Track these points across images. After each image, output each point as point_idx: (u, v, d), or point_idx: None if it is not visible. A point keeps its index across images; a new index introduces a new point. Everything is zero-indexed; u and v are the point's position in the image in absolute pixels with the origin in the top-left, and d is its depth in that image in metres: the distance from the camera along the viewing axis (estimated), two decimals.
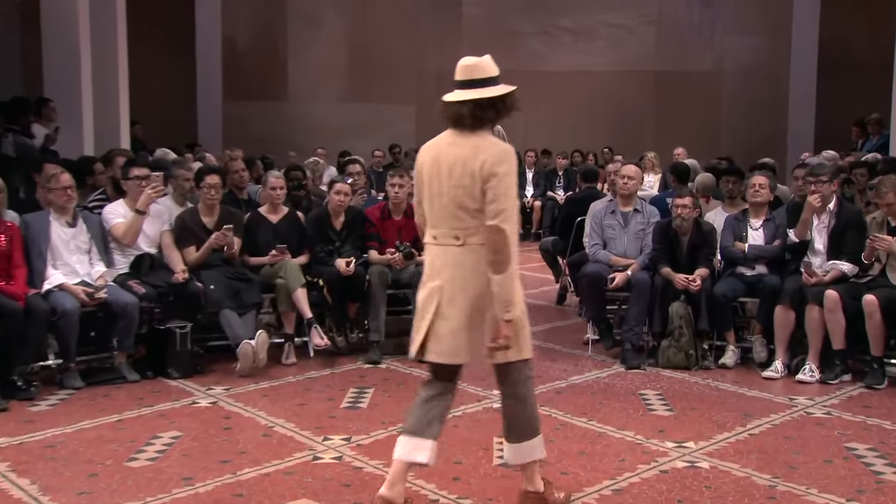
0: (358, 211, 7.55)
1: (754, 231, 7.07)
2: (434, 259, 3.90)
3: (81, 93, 10.57)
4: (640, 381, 6.39)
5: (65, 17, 10.39)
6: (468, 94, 3.83)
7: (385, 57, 17.22)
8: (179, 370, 6.43)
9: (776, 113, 16.97)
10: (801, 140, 16.11)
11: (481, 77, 3.86)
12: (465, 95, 3.83)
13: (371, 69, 17.32)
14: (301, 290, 6.86)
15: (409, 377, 6.49)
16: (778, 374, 6.49)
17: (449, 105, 3.87)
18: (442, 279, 3.83)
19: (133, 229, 6.71)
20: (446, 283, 3.82)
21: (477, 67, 3.88)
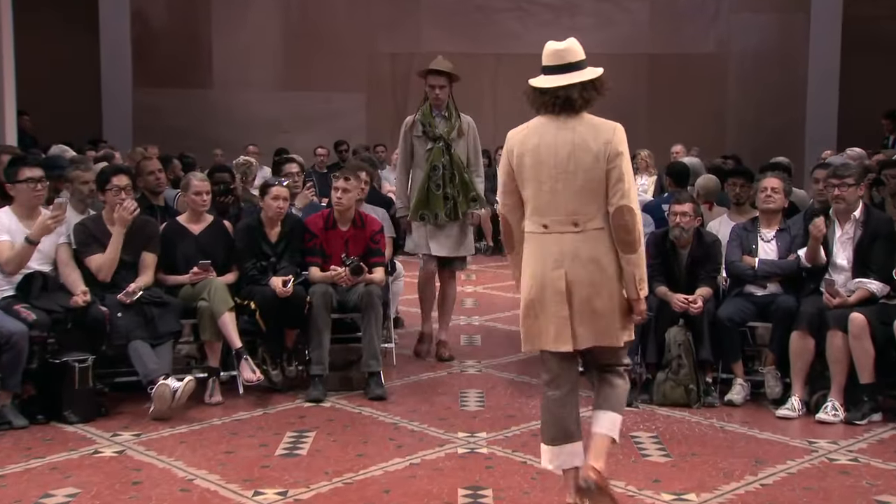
0: (297, 220, 7.53)
1: (766, 243, 7.12)
2: (547, 248, 4.45)
3: None
4: (631, 421, 6.39)
5: None
6: (573, 78, 4.50)
7: (330, 37, 17.24)
8: (78, 413, 6.35)
9: (792, 103, 17.16)
10: (821, 135, 16.29)
11: (576, 60, 4.59)
12: (571, 79, 4.49)
13: (313, 52, 17.32)
14: (228, 315, 6.82)
15: (357, 417, 6.47)
16: (795, 412, 6.52)
17: (552, 90, 4.48)
18: (564, 268, 4.39)
19: (19, 258, 6.54)
20: (570, 271, 4.39)
21: (570, 51, 4.60)
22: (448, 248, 7.89)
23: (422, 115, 7.84)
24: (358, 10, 17.30)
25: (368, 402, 6.84)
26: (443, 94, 7.76)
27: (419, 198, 7.74)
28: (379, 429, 6.25)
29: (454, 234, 7.89)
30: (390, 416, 6.46)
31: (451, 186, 7.73)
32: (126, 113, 17.16)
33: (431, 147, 7.75)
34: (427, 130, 7.78)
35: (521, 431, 6.15)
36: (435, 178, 7.71)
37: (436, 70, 7.79)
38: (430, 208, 7.73)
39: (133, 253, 6.94)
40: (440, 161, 7.72)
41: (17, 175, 6.80)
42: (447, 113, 7.84)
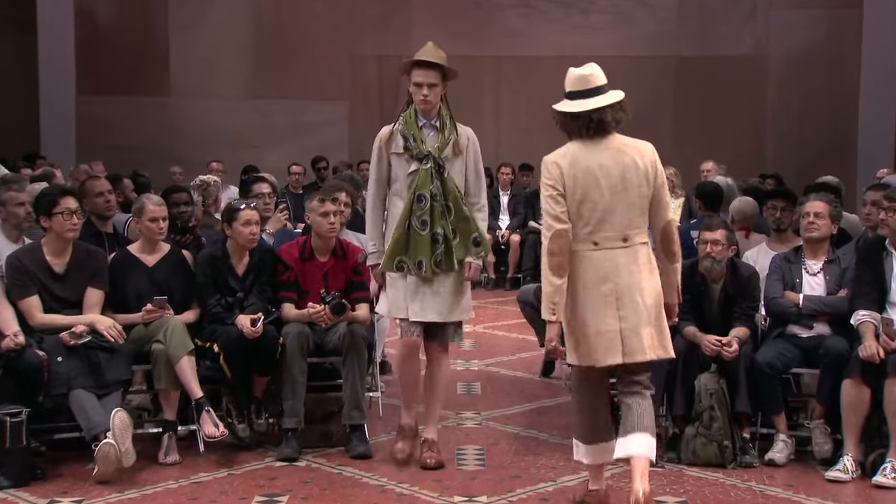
0: (268, 249, 7.53)
1: (811, 276, 7.15)
2: (598, 264, 5.41)
3: None
4: (656, 484, 6.35)
5: None
6: (603, 101, 5.49)
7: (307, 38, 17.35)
8: (9, 476, 6.31)
9: (842, 113, 17.21)
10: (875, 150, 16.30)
11: (601, 84, 5.57)
12: (602, 101, 5.48)
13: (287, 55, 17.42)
14: (188, 359, 6.82)
15: (336, 479, 6.47)
16: (847, 474, 6.49)
17: (584, 114, 5.46)
18: (613, 282, 5.39)
19: None
20: (620, 285, 5.40)
21: (595, 76, 5.57)
22: (437, 311, 6.37)
23: (404, 124, 6.41)
24: (339, 8, 17.38)
25: (350, 460, 6.83)
26: (433, 96, 6.33)
27: (397, 239, 6.30)
28: (363, 492, 6.23)
29: (445, 290, 6.39)
30: (376, 477, 6.44)
31: (443, 224, 6.28)
32: (68, 124, 17.19)
33: (416, 169, 6.32)
34: (411, 146, 6.34)
35: (527, 495, 6.14)
36: (420, 213, 6.25)
37: (424, 62, 6.34)
38: (411, 254, 6.28)
39: (76, 289, 6.95)
40: (428, 189, 6.26)
41: None
42: (439, 122, 6.44)
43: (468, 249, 6.36)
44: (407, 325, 6.44)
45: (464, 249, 6.36)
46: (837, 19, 17.41)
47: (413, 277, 6.33)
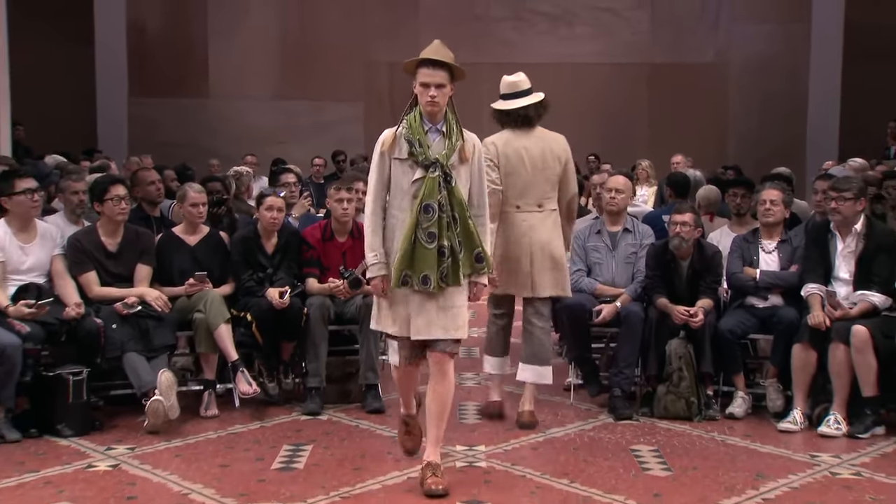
0: (294, 231, 7.53)
1: (767, 254, 7.14)
2: (519, 222, 6.44)
3: None
4: (631, 435, 6.41)
5: None
6: (528, 100, 6.51)
7: (327, 46, 17.29)
8: (72, 426, 6.34)
9: (793, 113, 17.20)
10: (822, 145, 16.33)
11: (526, 88, 6.56)
12: (527, 101, 6.50)
13: (310, 61, 17.37)
14: (224, 327, 6.82)
15: (354, 431, 6.47)
16: (797, 426, 6.53)
17: (515, 111, 6.48)
18: (529, 237, 6.41)
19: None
20: (534, 239, 6.42)
21: (522, 81, 6.59)
22: (443, 326, 5.16)
23: (408, 128, 5.14)
24: (354, 19, 17.34)
25: (366, 414, 6.84)
26: (441, 97, 5.12)
27: (404, 252, 5.05)
28: (377, 442, 6.24)
29: (450, 305, 5.17)
30: (388, 430, 6.44)
31: (450, 236, 5.06)
32: (121, 123, 17.19)
33: (422, 177, 5.07)
34: (416, 152, 5.07)
35: (519, 445, 6.14)
36: (427, 225, 5.01)
37: (431, 60, 5.15)
38: (416, 269, 5.05)
39: (127, 265, 6.96)
40: (435, 199, 5.02)
41: (12, 187, 6.82)
42: (446, 127, 5.18)
43: (472, 265, 5.17)
44: (403, 345, 5.28)
45: (469, 264, 5.16)
46: (789, 32, 17.37)
47: (416, 292, 5.09)
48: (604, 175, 8.95)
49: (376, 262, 5.17)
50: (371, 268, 5.20)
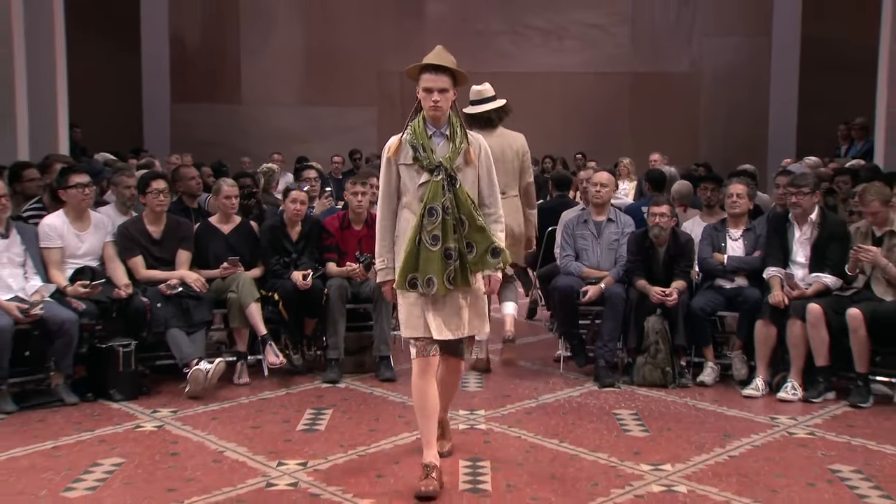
0: (315, 221, 7.52)
1: (734, 241, 7.13)
2: None
3: (15, 93, 10.43)
4: (614, 400, 6.42)
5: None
6: (491, 105, 6.90)
7: (345, 57, 17.25)
8: (122, 392, 6.37)
9: (756, 117, 17.15)
10: (782, 145, 16.29)
11: (490, 95, 6.93)
12: (489, 107, 6.89)
13: (330, 70, 17.32)
14: (254, 306, 6.83)
15: (369, 397, 6.48)
16: (759, 392, 6.53)
17: (480, 114, 6.87)
18: None
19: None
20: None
21: (486, 89, 6.94)
22: (455, 327, 4.66)
23: (412, 133, 4.67)
24: (369, 33, 17.29)
25: (379, 383, 6.84)
26: (444, 102, 4.62)
27: (407, 255, 4.56)
28: (389, 407, 6.25)
29: (461, 305, 4.67)
30: (399, 396, 6.45)
31: (456, 238, 4.56)
32: (164, 125, 17.18)
33: (427, 181, 4.59)
34: (420, 156, 4.61)
35: (515, 409, 6.15)
36: (430, 228, 4.52)
37: (434, 66, 4.68)
38: (421, 271, 4.55)
39: (169, 251, 6.98)
40: (439, 202, 4.53)
41: (67, 181, 6.84)
42: (449, 131, 4.70)
43: (485, 262, 4.62)
44: (423, 344, 4.65)
45: (482, 261, 4.62)
46: (753, 45, 17.31)
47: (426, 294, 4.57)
48: (590, 171, 8.93)
49: (383, 268, 4.73)
50: (379, 273, 4.76)
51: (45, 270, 6.57)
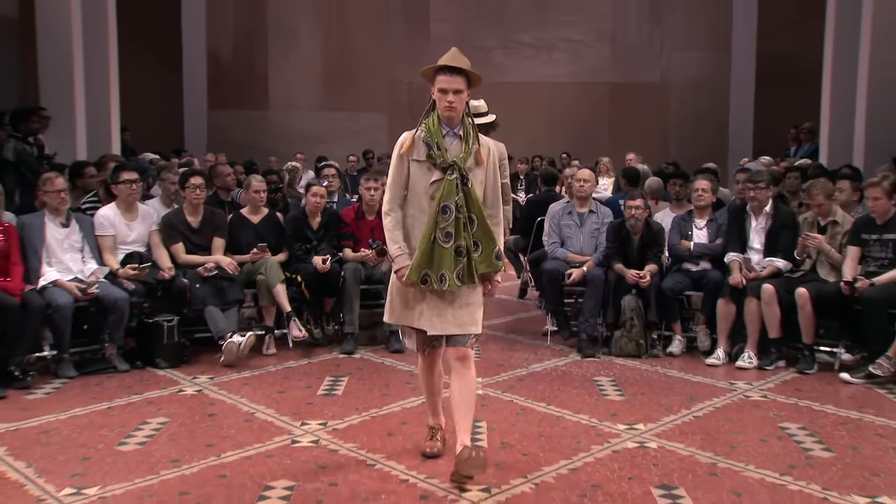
0: (333, 212, 7.53)
1: (699, 230, 7.13)
2: None
3: (75, 102, 10.47)
4: (594, 369, 6.43)
5: (58, 32, 10.33)
6: (483, 121, 6.02)
7: (359, 68, 17.19)
8: (167, 360, 6.40)
9: (718, 121, 17.12)
10: (740, 146, 16.28)
11: (484, 111, 6.31)
12: (481, 121, 5.85)
13: (346, 80, 17.27)
14: (280, 286, 6.84)
15: (380, 366, 6.49)
16: (720, 361, 6.55)
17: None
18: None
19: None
20: None
21: (481, 105, 6.32)
22: (458, 323, 4.16)
23: (427, 131, 4.17)
24: (380, 47, 17.22)
25: (389, 354, 6.85)
26: (458, 103, 4.16)
27: (422, 252, 4.06)
28: (398, 375, 6.26)
29: (463, 301, 4.16)
30: (406, 365, 6.46)
31: (465, 236, 4.09)
32: (202, 129, 17.14)
33: (440, 179, 4.11)
34: (434, 155, 4.12)
35: (508, 377, 6.16)
36: (444, 225, 4.04)
37: (449, 67, 4.22)
38: (435, 268, 4.07)
39: (206, 238, 6.99)
40: (453, 200, 4.05)
41: (118, 178, 6.88)
42: (463, 131, 4.20)
43: (490, 263, 4.15)
44: (422, 340, 4.30)
45: (485, 263, 4.15)
46: (715, 59, 17.23)
47: (433, 290, 4.12)
48: (574, 169, 8.90)
49: (401, 254, 4.16)
50: (396, 259, 4.18)
51: (99, 255, 6.60)
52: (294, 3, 17.41)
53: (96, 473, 4.26)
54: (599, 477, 4.22)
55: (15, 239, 6.16)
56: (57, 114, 10.11)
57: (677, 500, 3.94)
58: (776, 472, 4.30)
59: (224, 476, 4.22)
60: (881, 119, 10.29)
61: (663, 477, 4.22)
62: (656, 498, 3.96)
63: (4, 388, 5.68)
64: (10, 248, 6.09)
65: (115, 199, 6.90)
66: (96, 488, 4.06)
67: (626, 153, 13.18)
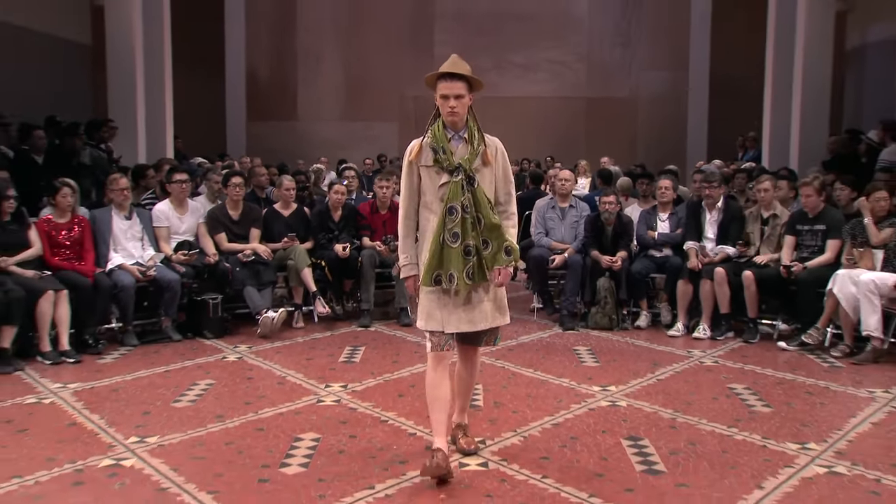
0: (352, 207, 7.51)
1: (662, 222, 7.12)
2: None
3: (136, 114, 10.61)
4: (574, 340, 6.43)
5: (124, 56, 10.51)
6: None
7: (373, 85, 17.13)
8: (212, 332, 6.40)
9: (678, 130, 17.08)
10: (696, 151, 16.25)
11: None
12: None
13: (362, 95, 17.22)
14: (307, 270, 6.83)
15: (392, 338, 6.49)
16: (679, 333, 6.55)
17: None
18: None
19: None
20: None
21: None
22: (469, 321, 3.64)
23: (433, 137, 3.70)
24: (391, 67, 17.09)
25: (400, 327, 6.85)
26: (460, 108, 3.67)
27: (432, 253, 3.57)
28: (407, 345, 6.26)
29: (478, 299, 3.65)
30: (414, 337, 6.46)
31: (474, 236, 3.57)
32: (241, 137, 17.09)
33: (447, 181, 3.61)
34: (440, 159, 3.63)
35: (500, 347, 6.13)
36: (451, 226, 3.55)
37: (450, 73, 3.71)
38: (445, 268, 3.57)
39: (245, 229, 6.97)
40: (458, 201, 3.56)
41: (171, 178, 6.87)
42: (467, 134, 3.72)
43: (499, 259, 3.63)
44: (437, 339, 3.67)
45: (495, 259, 3.63)
46: (675, 78, 17.13)
47: (448, 290, 3.60)
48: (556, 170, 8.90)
49: (407, 264, 3.73)
50: (403, 269, 3.76)
51: (156, 243, 6.61)
52: (319, 31, 17.33)
53: (156, 425, 4.28)
54: (577, 430, 4.23)
55: (88, 230, 6.22)
56: (122, 124, 10.28)
57: (642, 449, 3.95)
58: (724, 425, 4.31)
59: (261, 429, 4.23)
60: (812, 129, 10.46)
61: (631, 430, 4.23)
62: (625, 447, 3.97)
63: (80, 353, 5.73)
64: (83, 238, 6.16)
65: (169, 196, 6.89)
66: (156, 437, 4.09)
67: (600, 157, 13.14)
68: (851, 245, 6.02)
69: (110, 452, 3.89)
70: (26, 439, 4.08)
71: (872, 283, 5.65)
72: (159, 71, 11.16)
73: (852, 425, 4.34)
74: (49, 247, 6.00)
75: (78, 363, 5.58)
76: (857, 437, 4.16)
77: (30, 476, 3.60)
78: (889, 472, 3.67)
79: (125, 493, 3.43)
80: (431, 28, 17.28)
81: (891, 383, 5.17)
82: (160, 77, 11.19)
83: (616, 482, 3.54)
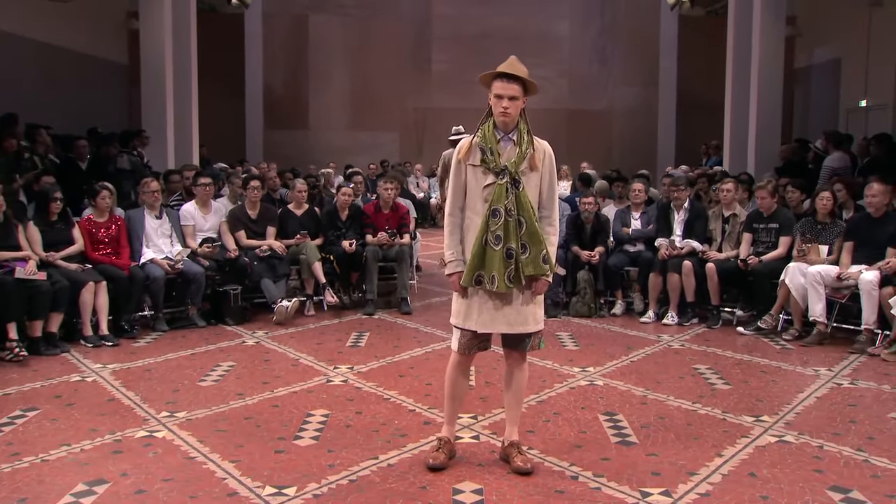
0: (358, 207, 7.50)
1: (635, 221, 7.12)
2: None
3: (166, 125, 10.67)
4: (557, 326, 6.43)
5: (156, 73, 10.56)
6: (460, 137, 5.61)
7: (377, 98, 17.08)
8: (233, 319, 6.39)
9: (649, 139, 17.10)
10: (665, 158, 16.30)
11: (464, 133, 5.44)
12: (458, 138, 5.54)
13: (368, 107, 17.17)
14: (317, 263, 6.82)
15: (393, 325, 6.48)
16: (650, 319, 6.55)
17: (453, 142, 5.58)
18: None
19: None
20: None
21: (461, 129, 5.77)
22: (506, 322, 3.30)
23: (482, 137, 3.32)
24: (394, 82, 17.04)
25: (401, 315, 6.84)
26: (513, 109, 3.33)
27: (475, 254, 3.20)
28: (407, 331, 6.26)
29: (517, 302, 3.28)
30: (413, 324, 6.47)
31: (517, 239, 3.19)
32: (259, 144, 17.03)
33: (492, 183, 3.22)
34: (488, 159, 3.25)
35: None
36: (494, 228, 3.18)
37: (507, 74, 3.38)
38: (487, 269, 3.20)
39: (262, 227, 6.96)
40: (502, 203, 3.17)
41: (197, 181, 6.86)
42: (517, 136, 3.34)
43: (537, 266, 3.22)
44: (467, 339, 3.34)
45: (532, 265, 3.21)
46: (647, 93, 17.12)
47: (487, 290, 3.24)
48: None
49: (453, 260, 3.30)
50: (449, 265, 3.33)
51: (183, 240, 6.59)
52: (329, 50, 17.27)
53: (184, 401, 4.28)
54: (560, 407, 4.24)
55: (123, 228, 6.24)
56: (153, 134, 10.40)
57: (617, 423, 3.96)
58: (689, 401, 4.32)
59: (277, 406, 4.23)
60: (766, 139, 10.58)
61: (607, 406, 4.24)
62: (602, 422, 3.98)
63: (118, 338, 5.74)
64: (120, 235, 6.19)
65: (195, 198, 6.88)
66: (184, 412, 4.09)
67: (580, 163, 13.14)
68: (801, 241, 6.06)
69: (145, 425, 3.90)
70: (73, 412, 4.11)
71: (819, 275, 5.73)
72: (187, 87, 11.22)
73: (800, 400, 4.36)
74: (90, 243, 6.02)
75: (116, 346, 5.59)
76: (803, 410, 4.19)
77: (76, 444, 3.63)
78: (830, 440, 3.70)
79: (158, 460, 3.45)
80: (430, 48, 17.23)
81: (833, 363, 5.21)
82: (187, 92, 11.26)
83: (593, 452, 3.55)
